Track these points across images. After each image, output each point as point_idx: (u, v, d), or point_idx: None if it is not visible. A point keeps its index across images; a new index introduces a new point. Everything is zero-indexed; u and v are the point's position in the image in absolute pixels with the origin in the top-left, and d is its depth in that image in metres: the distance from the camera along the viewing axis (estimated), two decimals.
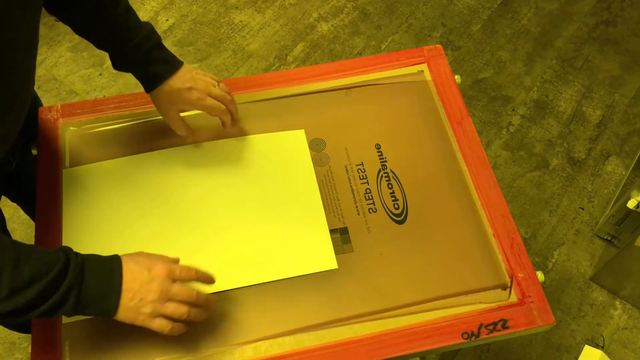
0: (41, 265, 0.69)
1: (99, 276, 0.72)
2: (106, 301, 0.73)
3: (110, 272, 0.73)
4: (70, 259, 0.71)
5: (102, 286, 0.72)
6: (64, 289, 0.69)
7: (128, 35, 0.88)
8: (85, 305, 0.71)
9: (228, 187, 0.96)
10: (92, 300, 0.72)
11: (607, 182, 1.90)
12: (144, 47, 0.89)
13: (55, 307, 0.69)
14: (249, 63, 2.08)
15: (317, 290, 0.88)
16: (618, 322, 1.66)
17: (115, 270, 0.73)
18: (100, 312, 0.73)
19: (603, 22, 2.27)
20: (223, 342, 0.83)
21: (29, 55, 0.78)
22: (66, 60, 2.05)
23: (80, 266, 0.71)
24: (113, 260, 0.75)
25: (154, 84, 0.92)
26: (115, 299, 0.73)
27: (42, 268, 0.68)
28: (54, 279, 0.68)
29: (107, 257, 0.75)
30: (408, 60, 1.13)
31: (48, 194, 0.94)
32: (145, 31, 0.89)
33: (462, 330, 0.85)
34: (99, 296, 0.72)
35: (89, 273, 0.72)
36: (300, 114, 1.05)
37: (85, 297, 0.71)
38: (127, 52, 0.89)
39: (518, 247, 0.93)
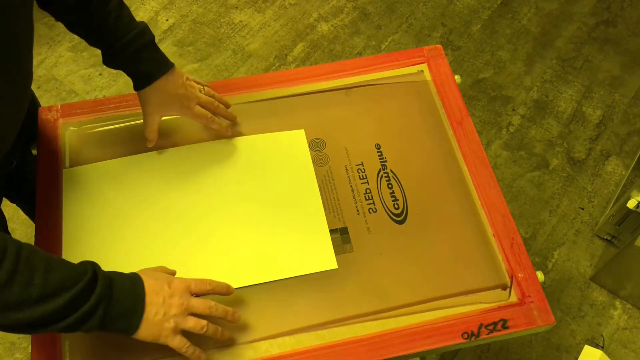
0: (72, 272, 0.68)
1: (125, 291, 0.72)
2: (132, 316, 0.72)
3: (134, 288, 0.73)
4: (98, 272, 0.71)
5: (129, 301, 0.72)
6: (93, 301, 0.68)
7: (118, 32, 0.87)
8: (112, 319, 0.71)
9: (228, 187, 0.96)
10: (120, 314, 0.71)
11: (607, 182, 1.90)
12: (134, 45, 0.88)
13: (83, 319, 0.68)
14: (249, 63, 2.08)
15: (317, 290, 0.88)
16: (618, 322, 1.66)
17: (139, 286, 0.73)
18: (125, 328, 0.73)
19: (603, 22, 2.27)
20: (223, 342, 0.83)
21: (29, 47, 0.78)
22: (66, 60, 2.05)
23: (109, 280, 0.71)
24: (134, 277, 0.75)
25: (144, 83, 0.91)
26: (140, 314, 0.72)
27: (71, 277, 0.68)
28: (84, 289, 0.68)
29: (128, 274, 0.75)
30: (408, 60, 1.13)
31: (48, 194, 0.94)
32: (137, 29, 0.88)
33: (462, 330, 0.85)
34: (126, 311, 0.72)
35: (117, 288, 0.71)
36: (300, 114, 1.05)
37: (114, 311, 0.70)
38: (117, 50, 0.88)
39: (518, 247, 0.93)
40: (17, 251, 0.65)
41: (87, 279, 0.68)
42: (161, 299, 0.74)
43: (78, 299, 0.68)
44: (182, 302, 0.75)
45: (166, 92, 0.92)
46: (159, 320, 0.74)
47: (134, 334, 0.73)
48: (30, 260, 0.66)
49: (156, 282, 0.75)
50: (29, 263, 0.65)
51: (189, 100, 0.94)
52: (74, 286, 0.67)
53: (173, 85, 0.92)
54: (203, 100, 0.96)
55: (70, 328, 0.68)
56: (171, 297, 0.75)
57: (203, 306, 0.77)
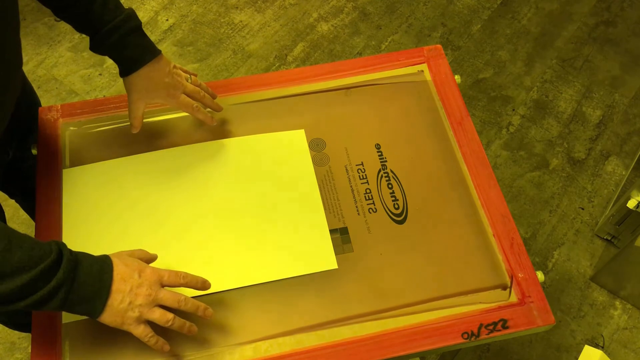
0: (33, 254, 0.67)
1: (91, 276, 0.71)
2: (95, 301, 0.71)
3: (101, 273, 0.72)
4: (64, 254, 0.70)
5: (93, 286, 0.71)
6: (54, 283, 0.68)
7: (105, 17, 0.87)
8: (73, 303, 0.70)
9: (228, 187, 0.96)
10: (82, 299, 0.71)
11: (607, 182, 1.90)
12: (121, 30, 0.87)
13: (43, 301, 0.68)
14: (249, 63, 2.08)
15: (318, 290, 0.88)
16: (618, 322, 1.66)
17: (107, 271, 0.73)
18: (87, 312, 0.72)
19: (603, 22, 2.27)
20: (223, 342, 0.83)
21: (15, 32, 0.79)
22: (66, 60, 2.05)
23: (74, 263, 0.70)
24: (105, 261, 0.74)
25: (130, 69, 0.90)
26: (104, 300, 0.72)
27: (33, 257, 0.67)
28: (44, 271, 0.67)
29: (98, 257, 0.74)
30: (408, 60, 1.13)
31: (48, 193, 0.94)
32: (124, 15, 0.88)
33: (462, 330, 0.85)
34: (89, 296, 0.71)
35: (81, 271, 0.70)
36: (300, 114, 1.05)
37: (75, 295, 0.70)
38: (103, 34, 0.87)
39: (518, 247, 0.93)
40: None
41: (49, 261, 0.67)
42: (128, 287, 0.73)
43: (37, 281, 0.67)
44: (150, 293, 0.74)
45: (152, 80, 0.91)
46: (123, 309, 0.73)
47: (97, 318, 0.73)
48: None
49: (127, 269, 0.74)
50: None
51: (174, 89, 0.93)
52: (33, 268, 0.66)
53: (159, 73, 0.91)
54: (189, 89, 0.95)
55: (31, 307, 0.68)
56: (139, 287, 0.74)
57: (172, 299, 0.76)
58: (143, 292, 0.74)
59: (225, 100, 1.05)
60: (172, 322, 0.76)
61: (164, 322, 0.75)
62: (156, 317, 0.75)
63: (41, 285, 0.67)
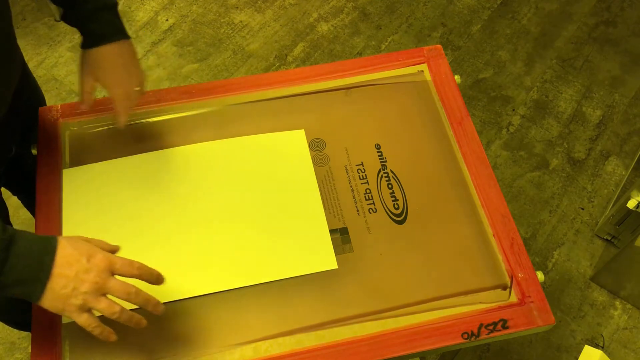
0: None
1: (29, 257, 0.67)
2: (33, 284, 0.67)
3: (41, 255, 0.67)
4: None
5: (31, 267, 0.67)
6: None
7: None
8: (6, 285, 0.66)
9: (228, 187, 0.96)
10: (17, 281, 0.66)
11: (607, 182, 1.90)
12: (95, 3, 0.86)
13: None
14: (249, 63, 2.08)
15: (317, 290, 0.88)
16: (618, 322, 1.66)
17: (48, 252, 0.68)
18: (25, 296, 0.68)
19: (603, 22, 2.27)
20: (223, 342, 0.83)
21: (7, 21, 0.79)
22: (66, 60, 2.05)
23: (7, 242, 0.66)
24: (49, 241, 0.69)
25: (93, 43, 0.88)
26: (42, 285, 0.67)
27: None
28: None
29: (42, 237, 0.69)
30: (408, 60, 1.13)
31: (48, 193, 0.94)
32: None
33: (462, 330, 0.85)
34: (25, 278, 0.66)
35: (15, 252, 0.66)
36: (300, 114, 1.05)
37: (8, 277, 0.65)
38: (77, 5, 0.86)
39: (518, 247, 0.93)
40: None
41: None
42: (73, 273, 0.68)
43: None
44: (97, 281, 0.69)
45: (112, 59, 0.88)
46: (65, 294, 0.68)
47: (36, 302, 0.69)
48: None
49: (74, 252, 0.69)
50: None
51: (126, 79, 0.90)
52: None
53: (120, 58, 0.89)
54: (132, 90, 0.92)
55: None
56: (86, 273, 0.68)
57: (121, 290, 0.71)
58: (90, 278, 0.68)
59: (225, 100, 1.06)
60: (118, 314, 0.71)
61: (110, 313, 0.70)
62: (102, 307, 0.70)
63: None
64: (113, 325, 0.73)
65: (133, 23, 2.15)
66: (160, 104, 1.04)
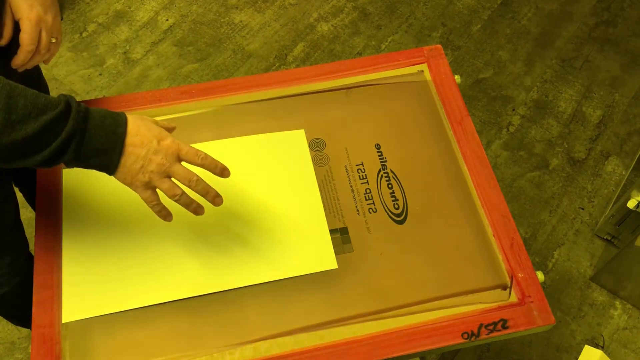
0: (38, 102, 0.66)
1: (103, 128, 0.70)
2: (110, 154, 0.71)
3: (114, 126, 0.71)
4: (72, 104, 0.69)
5: (107, 138, 0.70)
6: (65, 135, 0.67)
7: None
8: (88, 155, 0.70)
9: (228, 186, 0.96)
10: (96, 151, 0.70)
11: (607, 182, 1.90)
12: None
13: (57, 154, 0.68)
14: (249, 63, 2.08)
15: (317, 290, 0.88)
16: (618, 322, 1.66)
17: (121, 124, 0.72)
18: (103, 165, 0.72)
19: (603, 22, 2.27)
20: (223, 342, 0.83)
21: None
22: (66, 60, 2.05)
23: (84, 114, 0.69)
24: (119, 115, 0.73)
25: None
26: (119, 152, 0.71)
27: (38, 104, 0.66)
28: (54, 120, 0.67)
29: (112, 112, 0.73)
30: (408, 60, 1.13)
31: (48, 194, 0.94)
32: None
33: (462, 330, 0.85)
34: (104, 148, 0.70)
35: (92, 123, 0.70)
36: (300, 114, 1.05)
37: (89, 147, 0.70)
38: None
39: (518, 247, 0.93)
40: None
41: (57, 111, 0.67)
42: (144, 152, 0.72)
43: (48, 132, 0.66)
44: (164, 163, 0.73)
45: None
46: (135, 170, 0.73)
47: (113, 172, 0.73)
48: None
49: (147, 133, 0.73)
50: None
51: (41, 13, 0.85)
52: (40, 115, 0.66)
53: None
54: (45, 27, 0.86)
55: (47, 162, 0.69)
56: (155, 154, 0.73)
57: (184, 175, 0.75)
58: (157, 160, 0.73)
59: (226, 100, 1.06)
60: (179, 197, 0.75)
61: (172, 195, 0.75)
62: (165, 187, 0.75)
63: (51, 137, 0.67)
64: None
65: (133, 23, 2.15)
66: (160, 104, 1.04)
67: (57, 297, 0.85)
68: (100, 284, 0.86)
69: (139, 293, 0.86)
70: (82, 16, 2.15)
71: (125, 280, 0.87)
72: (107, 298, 0.85)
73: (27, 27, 0.84)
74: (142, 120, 0.75)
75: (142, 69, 2.05)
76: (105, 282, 0.86)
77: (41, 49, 0.86)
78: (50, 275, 0.87)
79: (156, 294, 0.86)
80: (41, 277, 0.87)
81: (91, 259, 0.88)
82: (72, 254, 0.89)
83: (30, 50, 0.85)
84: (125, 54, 2.08)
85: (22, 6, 0.83)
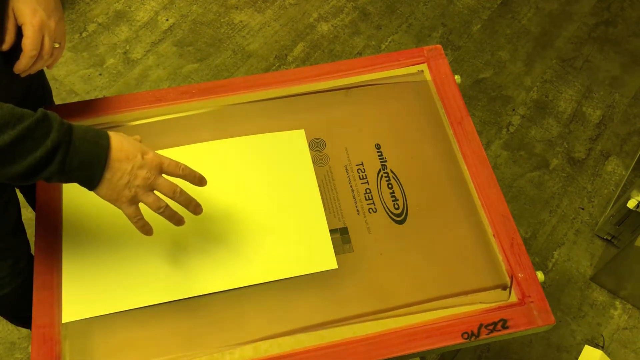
0: (15, 112, 0.66)
1: (87, 140, 0.70)
2: (93, 168, 0.71)
3: (97, 137, 0.71)
4: (50, 116, 0.68)
5: (91, 150, 0.70)
6: (50, 145, 0.67)
7: None
8: (72, 167, 0.70)
9: (228, 187, 0.96)
10: (80, 163, 0.70)
11: (607, 182, 1.90)
12: None
13: (41, 163, 0.67)
14: (249, 63, 2.08)
15: (317, 290, 0.88)
16: (618, 322, 1.66)
17: (103, 137, 0.72)
18: (87, 179, 0.72)
19: (603, 22, 2.27)
20: (223, 342, 0.83)
21: None
22: (66, 60, 2.05)
23: (68, 127, 0.69)
24: (101, 130, 0.73)
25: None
26: (102, 168, 0.71)
27: (15, 114, 0.65)
28: (31, 128, 0.66)
29: (92, 127, 0.73)
30: (408, 60, 1.13)
31: (48, 194, 0.94)
32: None
33: (462, 330, 0.85)
34: (88, 160, 0.70)
35: (76, 135, 0.70)
36: (300, 114, 1.05)
37: (73, 159, 0.69)
38: None
39: (518, 247, 0.93)
40: None
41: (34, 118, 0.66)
42: (130, 167, 0.73)
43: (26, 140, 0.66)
44: (149, 177, 0.74)
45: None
46: (121, 185, 0.73)
47: (95, 188, 0.73)
48: None
49: (131, 148, 0.74)
50: None
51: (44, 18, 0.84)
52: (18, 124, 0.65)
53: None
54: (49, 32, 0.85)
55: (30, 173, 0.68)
56: (140, 168, 0.74)
57: (168, 187, 0.77)
58: (143, 174, 0.74)
59: (226, 100, 1.06)
60: (164, 209, 0.77)
61: (156, 207, 0.76)
62: (150, 201, 0.76)
63: (31, 144, 0.66)
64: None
65: (133, 23, 2.15)
66: (160, 104, 1.04)
67: (57, 297, 0.85)
68: (100, 284, 0.86)
69: (139, 293, 0.86)
70: (82, 16, 2.15)
71: (126, 280, 0.87)
72: (107, 298, 0.85)
73: (29, 33, 0.83)
74: (122, 135, 0.75)
75: (142, 69, 2.05)
76: (105, 282, 0.86)
77: (44, 55, 0.85)
78: (50, 275, 0.87)
79: (156, 294, 0.86)
80: (41, 277, 0.87)
81: (91, 259, 0.88)
82: (72, 254, 0.89)
83: (33, 55, 0.84)
84: (125, 54, 2.07)
85: (25, 11, 0.83)
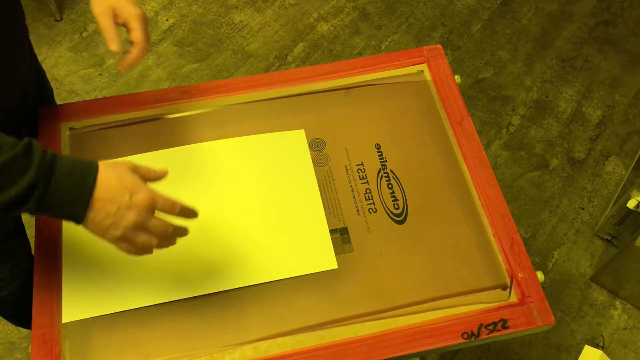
0: None
1: (72, 175, 0.65)
2: (74, 207, 0.66)
3: (83, 175, 0.66)
4: (34, 149, 0.64)
5: (74, 187, 0.66)
6: (25, 183, 0.62)
7: None
8: (50, 204, 0.65)
9: (228, 187, 0.96)
10: (59, 201, 0.65)
11: (607, 182, 1.90)
12: None
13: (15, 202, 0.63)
14: (249, 63, 2.08)
15: (317, 290, 0.88)
16: (618, 322, 1.66)
17: (90, 173, 0.67)
18: (68, 217, 0.68)
19: (603, 22, 2.27)
20: (223, 342, 0.83)
21: None
22: (66, 60, 2.05)
23: (50, 160, 0.65)
24: (90, 163, 0.68)
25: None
26: (84, 208, 0.66)
27: None
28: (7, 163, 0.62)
29: (82, 160, 0.68)
30: (408, 60, 1.13)
31: None
32: None
33: (462, 330, 0.85)
34: (68, 198, 0.66)
35: (60, 170, 0.65)
36: (300, 114, 1.05)
37: (53, 196, 0.65)
38: None
39: (518, 247, 0.93)
40: None
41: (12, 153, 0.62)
42: (114, 208, 0.67)
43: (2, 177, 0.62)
44: (138, 219, 0.69)
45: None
46: (105, 226, 0.68)
47: (81, 223, 0.69)
48: None
49: (118, 186, 0.68)
50: None
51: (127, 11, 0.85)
52: None
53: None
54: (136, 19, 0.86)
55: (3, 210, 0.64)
56: (128, 210, 0.68)
57: (162, 229, 0.72)
58: (131, 217, 0.68)
59: (226, 100, 1.06)
60: (156, 246, 0.73)
61: (147, 246, 0.72)
62: (140, 241, 0.71)
63: (5, 182, 0.62)
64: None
65: None
66: (160, 104, 1.04)
67: (57, 297, 0.85)
68: (100, 284, 0.86)
69: (139, 293, 0.86)
70: (82, 16, 2.15)
71: (125, 280, 0.87)
72: (107, 298, 0.85)
73: (140, 25, 0.83)
74: (115, 169, 0.69)
75: (142, 69, 2.05)
76: (105, 282, 0.86)
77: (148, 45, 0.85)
78: (50, 275, 0.87)
79: (156, 294, 0.86)
80: (41, 277, 0.87)
81: (91, 259, 0.88)
82: (72, 254, 0.89)
83: (147, 47, 0.83)
84: (125, 54, 2.07)
85: (127, 5, 0.83)
